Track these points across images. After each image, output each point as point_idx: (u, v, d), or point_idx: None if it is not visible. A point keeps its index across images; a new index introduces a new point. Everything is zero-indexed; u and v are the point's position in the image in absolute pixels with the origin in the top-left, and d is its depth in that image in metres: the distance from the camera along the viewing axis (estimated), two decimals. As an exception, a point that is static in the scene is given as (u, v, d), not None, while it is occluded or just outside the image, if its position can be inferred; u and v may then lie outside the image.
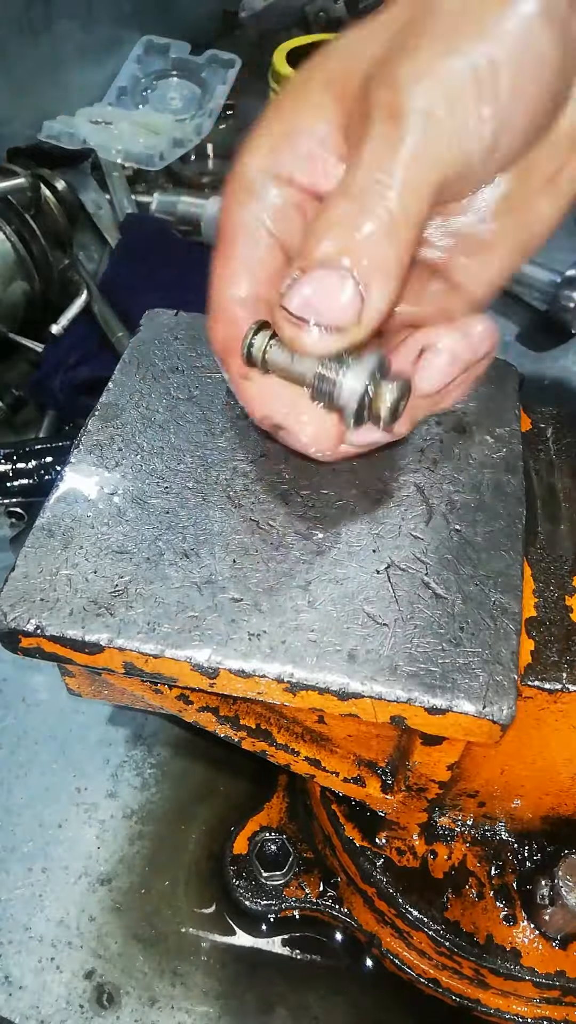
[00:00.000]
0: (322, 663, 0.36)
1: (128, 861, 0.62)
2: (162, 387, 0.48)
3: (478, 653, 0.37)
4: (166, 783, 0.65)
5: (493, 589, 0.39)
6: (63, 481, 0.43)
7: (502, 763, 0.44)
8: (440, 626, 0.37)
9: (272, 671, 0.36)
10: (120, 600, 0.38)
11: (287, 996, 0.56)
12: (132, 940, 0.58)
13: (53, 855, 0.62)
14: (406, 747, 0.42)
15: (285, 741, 0.44)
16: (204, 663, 0.36)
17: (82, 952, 0.58)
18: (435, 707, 0.35)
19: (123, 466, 0.44)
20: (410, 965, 0.53)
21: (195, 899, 0.60)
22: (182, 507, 0.42)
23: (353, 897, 0.54)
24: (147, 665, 0.37)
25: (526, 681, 0.39)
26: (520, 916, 0.50)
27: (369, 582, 0.39)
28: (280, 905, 0.57)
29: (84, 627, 0.37)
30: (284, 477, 0.43)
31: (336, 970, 0.57)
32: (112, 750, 0.67)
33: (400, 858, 0.50)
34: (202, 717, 0.44)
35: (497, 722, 0.35)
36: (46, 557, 0.40)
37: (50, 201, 0.88)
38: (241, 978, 0.57)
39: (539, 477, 0.44)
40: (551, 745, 0.42)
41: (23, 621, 0.37)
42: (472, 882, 0.50)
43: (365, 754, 0.46)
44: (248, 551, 0.40)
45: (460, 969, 0.51)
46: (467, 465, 0.44)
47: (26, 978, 0.57)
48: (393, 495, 0.43)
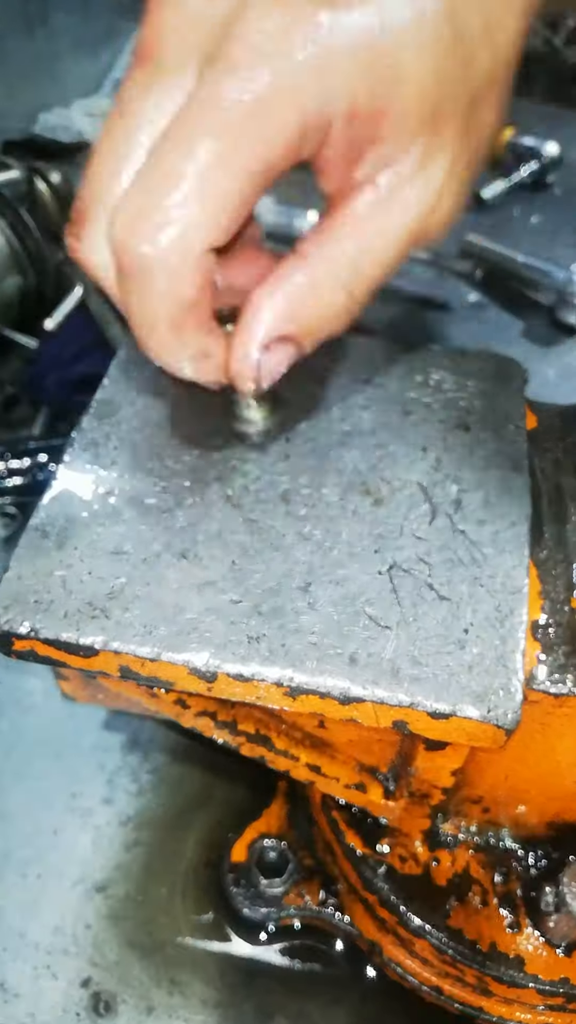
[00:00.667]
0: (323, 666, 0.36)
1: (124, 868, 0.61)
2: (159, 384, 0.47)
3: (482, 656, 0.36)
4: (163, 789, 0.65)
5: (498, 591, 0.38)
6: (57, 480, 0.42)
7: (507, 768, 0.44)
8: (444, 629, 0.37)
9: (272, 675, 0.35)
10: (116, 602, 0.37)
11: (287, 1005, 0.56)
12: (129, 948, 0.57)
13: (48, 861, 0.61)
14: (409, 752, 0.42)
15: (285, 746, 0.44)
16: (202, 667, 0.36)
17: (78, 960, 0.57)
18: (438, 712, 0.35)
19: (119, 465, 0.43)
20: (412, 973, 0.52)
21: (193, 907, 0.59)
22: (179, 507, 0.41)
23: (354, 905, 0.54)
24: (143, 669, 0.36)
25: (531, 685, 0.38)
26: (524, 923, 0.49)
27: (371, 583, 0.38)
28: (280, 913, 0.56)
29: (79, 630, 0.36)
30: (284, 476, 0.43)
31: (337, 978, 0.57)
32: (108, 755, 0.66)
33: (402, 865, 0.50)
34: (200, 722, 0.43)
35: (502, 727, 0.35)
36: (40, 558, 0.39)
37: (45, 195, 0.88)
38: (240, 987, 0.56)
39: (545, 476, 0.44)
40: (556, 750, 0.42)
41: (16, 623, 0.37)
42: (476, 889, 0.49)
43: (367, 759, 0.45)
44: (247, 552, 0.39)
45: (463, 977, 0.50)
46: (471, 464, 0.43)
47: (22, 985, 0.56)
48: (395, 494, 0.42)
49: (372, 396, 0.47)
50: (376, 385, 0.47)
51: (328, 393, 0.47)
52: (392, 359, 0.49)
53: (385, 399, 0.46)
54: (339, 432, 0.45)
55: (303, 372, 0.48)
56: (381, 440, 0.44)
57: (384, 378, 0.48)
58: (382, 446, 0.44)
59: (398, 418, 0.46)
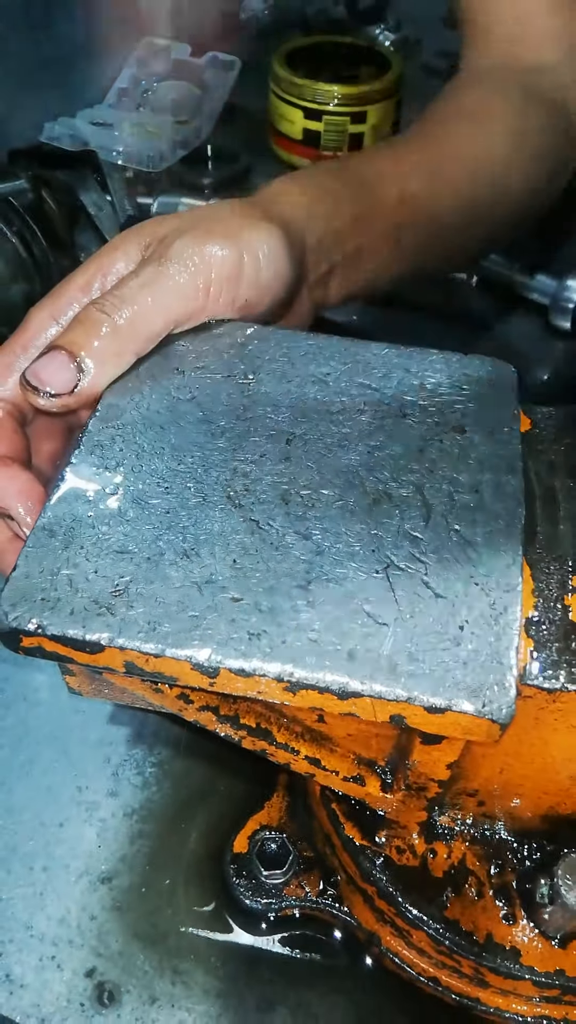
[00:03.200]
0: (322, 662, 0.36)
1: (129, 860, 0.62)
2: (163, 387, 0.48)
3: (477, 652, 0.37)
4: (167, 782, 0.65)
5: (492, 589, 0.39)
6: (64, 481, 0.43)
7: (501, 762, 0.44)
8: (440, 626, 0.37)
9: (272, 670, 0.36)
10: (121, 600, 0.38)
11: (287, 994, 0.56)
12: (133, 939, 0.58)
13: (54, 854, 0.62)
14: (406, 746, 0.42)
15: (285, 740, 0.44)
16: (204, 662, 0.36)
17: (83, 951, 0.58)
18: (434, 706, 0.35)
19: (124, 466, 0.44)
20: (410, 964, 0.53)
21: (195, 898, 0.60)
22: (182, 507, 0.42)
23: (353, 896, 0.54)
24: (148, 664, 0.37)
25: (525, 680, 0.39)
26: (519, 915, 0.50)
27: (368, 582, 0.39)
28: (280, 904, 0.57)
29: (85, 627, 0.37)
30: (284, 477, 0.43)
31: (336, 968, 0.57)
32: (113, 749, 0.67)
33: (400, 857, 0.51)
34: (202, 716, 0.44)
35: (496, 721, 0.35)
36: (47, 557, 0.40)
37: (50, 203, 0.88)
38: (241, 976, 0.57)
39: (538, 478, 0.44)
40: (550, 744, 0.42)
41: (24, 621, 0.37)
42: (472, 881, 0.50)
43: (365, 753, 0.46)
44: (248, 551, 0.40)
45: (460, 968, 0.51)
46: (466, 465, 0.44)
47: (27, 976, 0.57)
48: (392, 495, 0.43)
49: (370, 399, 0.47)
50: (374, 388, 0.48)
51: (326, 397, 0.48)
52: (389, 363, 0.49)
53: (382, 402, 0.47)
54: (338, 435, 0.46)
55: (302, 376, 0.49)
56: (378, 442, 0.45)
57: (381, 381, 0.48)
58: (379, 448, 0.45)
59: (395, 420, 0.46)
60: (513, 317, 1.00)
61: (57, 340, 0.47)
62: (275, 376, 0.49)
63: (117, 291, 0.48)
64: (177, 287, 0.48)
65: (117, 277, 0.50)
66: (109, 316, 0.46)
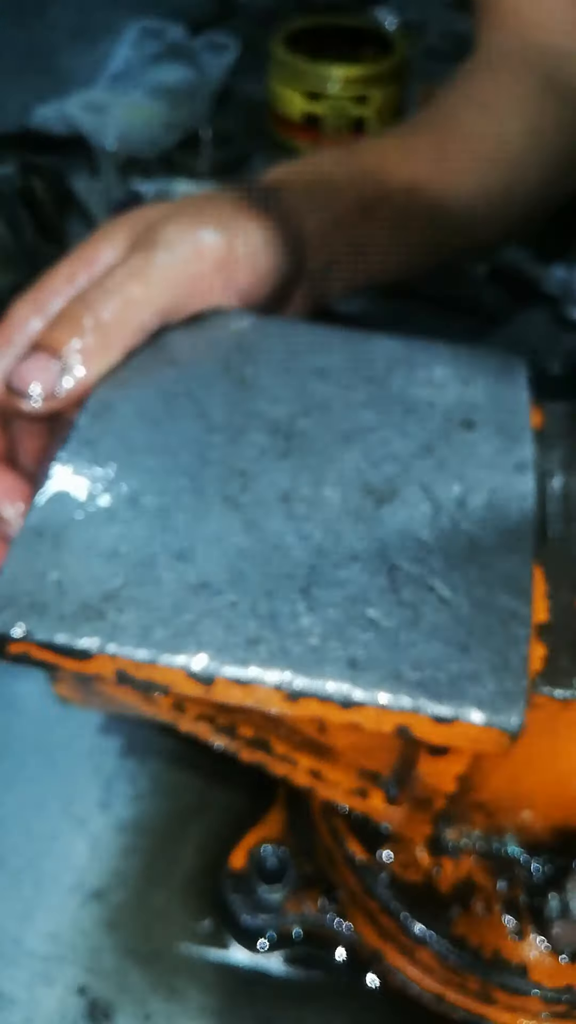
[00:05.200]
0: (323, 670, 0.35)
1: (121, 875, 0.60)
2: (156, 381, 0.46)
3: (487, 659, 0.35)
4: (160, 795, 0.64)
5: (502, 592, 0.37)
6: (51, 480, 0.41)
7: (511, 773, 0.43)
8: (446, 631, 0.36)
9: (271, 678, 0.35)
10: (112, 604, 0.37)
11: (286, 1013, 0.55)
12: (126, 955, 0.57)
13: (44, 868, 0.60)
14: (411, 757, 0.41)
15: (284, 751, 0.43)
16: (199, 670, 0.35)
17: (75, 967, 0.56)
18: (441, 716, 0.34)
19: (115, 464, 0.42)
20: (414, 981, 0.52)
21: (191, 914, 0.58)
22: (177, 507, 0.40)
23: (355, 912, 0.53)
24: (140, 672, 0.36)
25: (537, 689, 0.37)
26: (528, 931, 0.48)
27: (372, 585, 0.38)
28: (279, 920, 0.56)
29: (74, 632, 0.36)
30: (284, 476, 0.42)
31: (337, 986, 0.56)
32: (104, 760, 0.65)
33: (404, 871, 0.49)
34: (197, 727, 0.43)
35: (506, 731, 0.34)
36: (35, 559, 0.38)
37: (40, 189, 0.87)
38: (239, 994, 0.56)
39: (551, 476, 0.43)
40: (562, 755, 0.41)
41: (11, 626, 0.36)
42: (479, 896, 0.49)
43: (368, 764, 0.44)
44: (245, 553, 0.39)
45: (466, 984, 0.49)
46: (475, 463, 0.42)
47: (18, 993, 0.55)
48: (397, 495, 0.41)
49: (374, 394, 0.46)
50: (378, 383, 0.47)
51: (329, 391, 0.46)
52: (394, 356, 0.48)
53: (387, 397, 0.46)
54: (340, 431, 0.44)
55: (303, 369, 0.48)
56: (383, 438, 0.44)
57: (386, 375, 0.47)
58: (384, 445, 0.43)
59: (400, 416, 0.45)
60: (525, 309, 0.99)
61: (40, 339, 0.46)
62: (274, 369, 0.47)
63: (102, 282, 0.46)
64: (166, 276, 0.46)
65: (104, 267, 0.48)
66: (94, 310, 0.45)
